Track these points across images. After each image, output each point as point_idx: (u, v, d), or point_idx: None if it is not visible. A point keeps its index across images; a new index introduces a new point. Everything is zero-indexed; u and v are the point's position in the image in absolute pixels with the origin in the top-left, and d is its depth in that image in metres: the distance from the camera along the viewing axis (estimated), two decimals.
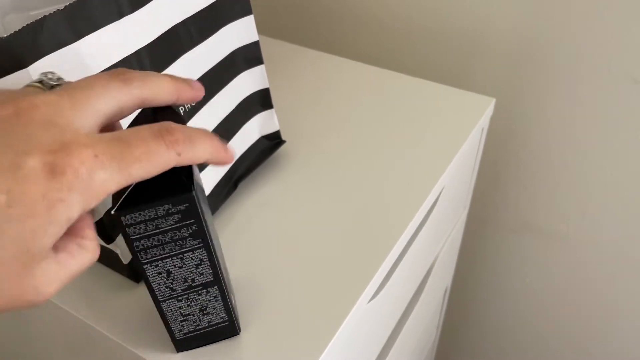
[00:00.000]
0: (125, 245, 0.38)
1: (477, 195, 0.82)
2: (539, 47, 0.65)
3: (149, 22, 0.35)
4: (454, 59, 0.72)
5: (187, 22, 0.38)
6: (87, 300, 0.40)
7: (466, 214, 0.73)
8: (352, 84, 0.63)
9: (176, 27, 0.38)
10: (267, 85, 0.48)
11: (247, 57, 0.46)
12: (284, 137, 0.55)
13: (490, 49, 0.69)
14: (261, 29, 0.88)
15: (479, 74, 0.72)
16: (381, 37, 0.77)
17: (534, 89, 0.69)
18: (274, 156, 0.52)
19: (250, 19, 0.44)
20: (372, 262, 0.42)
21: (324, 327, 0.37)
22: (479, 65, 0.71)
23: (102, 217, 0.36)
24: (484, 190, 0.82)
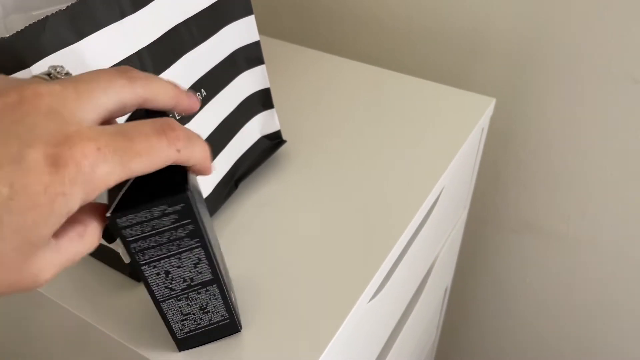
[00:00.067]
0: None
1: (477, 195, 0.82)
2: (539, 47, 0.65)
3: (151, 22, 0.35)
4: (454, 59, 0.72)
5: (188, 22, 0.39)
6: (89, 299, 0.40)
7: (466, 214, 0.73)
8: (352, 83, 0.63)
9: (177, 27, 0.38)
10: (267, 85, 0.48)
11: (248, 57, 0.46)
12: (284, 137, 0.55)
13: (490, 49, 0.69)
14: (262, 29, 0.88)
15: (479, 74, 0.72)
16: (381, 37, 0.77)
17: (534, 89, 0.69)
18: (274, 156, 0.53)
19: (251, 19, 0.45)
20: (372, 261, 0.42)
21: (324, 327, 0.38)
22: (479, 65, 0.71)
23: None
24: (484, 190, 0.82)
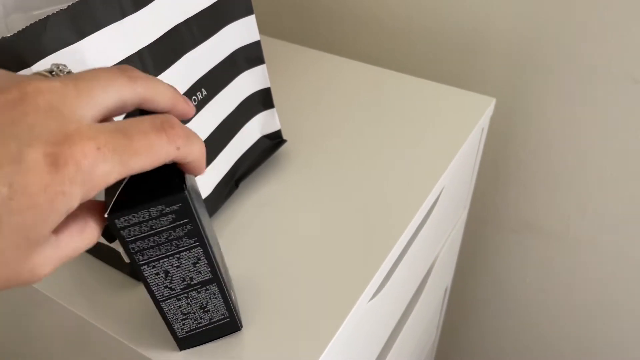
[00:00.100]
0: None
1: (477, 195, 0.82)
2: (539, 47, 0.65)
3: (151, 21, 0.36)
4: (455, 59, 0.73)
5: (189, 21, 0.39)
6: (89, 298, 0.40)
7: (466, 213, 0.73)
8: (352, 83, 0.63)
9: (178, 27, 0.38)
10: (268, 84, 0.48)
11: (248, 56, 0.46)
12: (284, 137, 0.55)
13: (490, 49, 0.69)
14: (262, 29, 0.88)
15: (479, 74, 0.72)
16: (381, 37, 0.77)
17: (534, 89, 0.69)
18: (275, 155, 0.53)
19: (251, 19, 0.45)
20: (372, 261, 0.42)
21: (324, 326, 0.38)
22: (479, 65, 0.71)
23: None
24: (484, 190, 0.82)
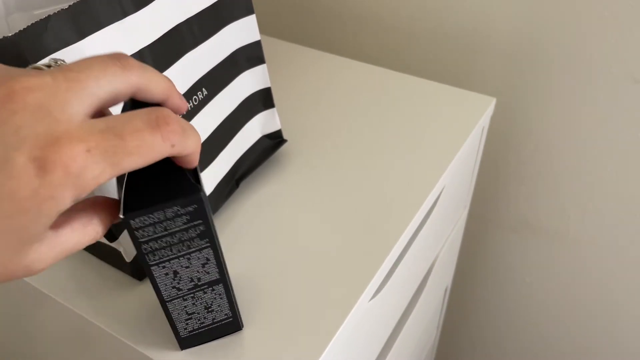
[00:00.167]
0: (128, 243, 0.38)
1: (478, 194, 0.82)
2: (540, 46, 0.65)
3: (152, 21, 0.36)
4: (455, 59, 0.73)
5: (189, 21, 0.39)
6: (90, 297, 0.40)
7: (466, 213, 0.73)
8: (353, 83, 0.63)
9: (179, 27, 0.38)
10: (268, 84, 0.48)
11: (248, 56, 0.46)
12: (285, 137, 0.55)
13: (491, 49, 0.69)
14: (263, 29, 0.88)
15: (479, 73, 0.72)
16: (382, 37, 0.77)
17: (534, 89, 0.69)
18: (275, 155, 0.53)
19: (252, 19, 0.45)
20: (373, 261, 0.42)
21: (325, 326, 0.38)
22: (479, 64, 0.71)
23: None
24: (484, 189, 0.82)
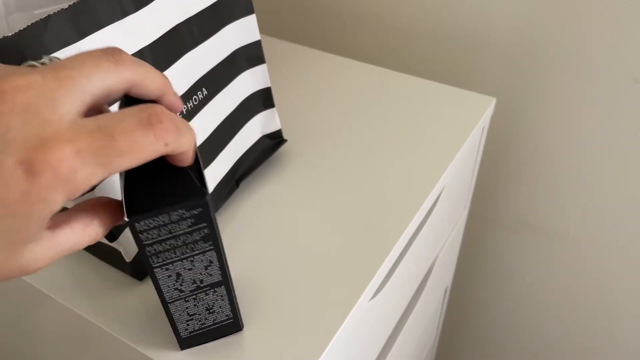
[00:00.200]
0: (128, 243, 0.38)
1: (477, 194, 0.82)
2: (540, 46, 0.65)
3: (152, 21, 0.36)
4: (455, 59, 0.73)
5: (189, 21, 0.39)
6: (90, 297, 0.40)
7: (466, 213, 0.73)
8: (353, 83, 0.63)
9: (179, 27, 0.38)
10: (268, 84, 0.48)
11: (248, 56, 0.46)
12: (285, 136, 0.55)
13: (491, 49, 0.69)
14: (263, 29, 0.88)
15: (479, 73, 0.72)
16: (382, 37, 0.77)
17: (534, 89, 0.69)
18: (275, 155, 0.53)
19: (252, 19, 0.45)
20: (373, 260, 0.42)
21: (325, 326, 0.38)
22: (479, 65, 0.71)
23: None
24: (484, 189, 0.82)
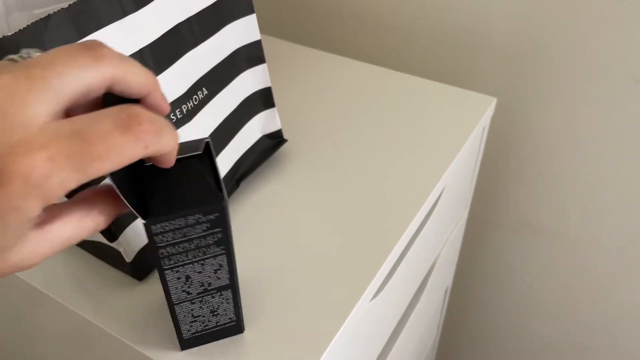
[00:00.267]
0: (128, 243, 0.38)
1: (478, 194, 0.82)
2: (540, 46, 0.65)
3: (153, 20, 0.35)
4: (456, 58, 0.72)
5: (190, 20, 0.39)
6: (89, 297, 0.40)
7: (467, 213, 0.73)
8: (353, 83, 0.63)
9: (179, 26, 0.38)
10: (269, 84, 0.48)
11: (249, 56, 0.46)
12: (285, 136, 0.55)
13: (491, 49, 0.69)
14: (263, 28, 0.88)
15: (480, 73, 0.72)
16: (382, 37, 0.77)
17: (535, 89, 0.69)
18: (275, 155, 0.53)
19: (252, 18, 0.45)
20: (374, 260, 0.42)
21: (326, 325, 0.38)
22: (480, 64, 0.71)
23: None
24: (484, 189, 0.82)
